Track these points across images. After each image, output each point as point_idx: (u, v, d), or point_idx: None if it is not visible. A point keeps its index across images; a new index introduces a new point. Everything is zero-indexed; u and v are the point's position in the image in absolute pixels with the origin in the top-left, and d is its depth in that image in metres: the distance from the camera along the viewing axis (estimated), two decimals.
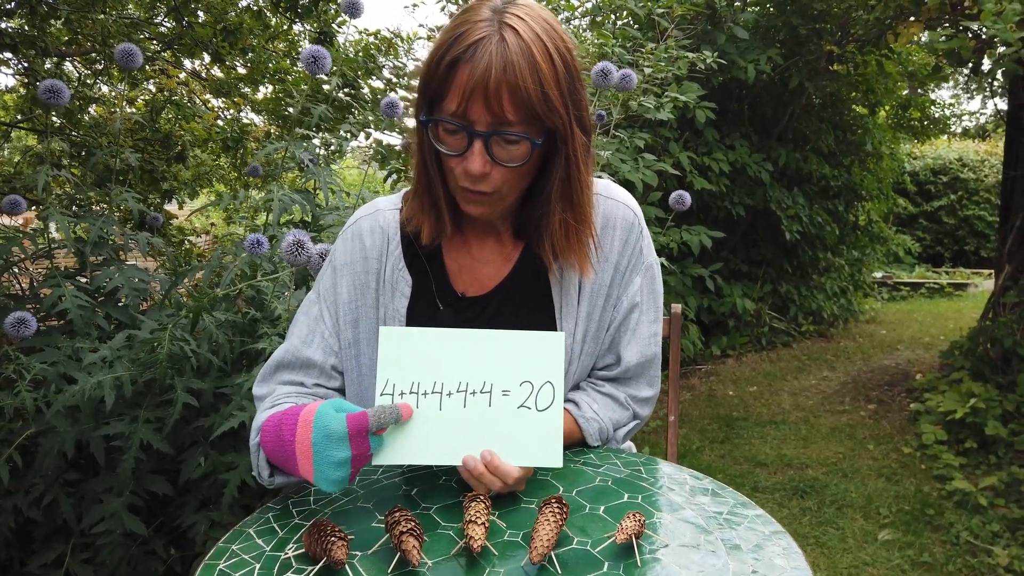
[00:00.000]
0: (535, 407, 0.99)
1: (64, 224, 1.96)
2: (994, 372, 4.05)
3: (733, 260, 6.22)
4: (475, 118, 0.98)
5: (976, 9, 3.30)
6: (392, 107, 2.05)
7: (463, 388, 1.00)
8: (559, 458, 0.99)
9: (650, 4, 4.36)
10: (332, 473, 0.90)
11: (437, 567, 0.83)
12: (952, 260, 11.08)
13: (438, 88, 0.99)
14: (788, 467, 3.71)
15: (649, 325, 1.22)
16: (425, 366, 1.00)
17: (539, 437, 0.99)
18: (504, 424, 0.99)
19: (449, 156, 1.03)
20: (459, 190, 1.06)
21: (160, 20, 5.20)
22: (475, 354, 1.00)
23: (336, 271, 1.19)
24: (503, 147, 1.01)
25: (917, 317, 7.69)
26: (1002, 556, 2.74)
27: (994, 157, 11.12)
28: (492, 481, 0.96)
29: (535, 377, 1.00)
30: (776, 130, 5.98)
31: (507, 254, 1.19)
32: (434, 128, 1.03)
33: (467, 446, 0.98)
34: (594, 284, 1.17)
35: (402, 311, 1.16)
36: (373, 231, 1.18)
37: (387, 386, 0.99)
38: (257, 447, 1.02)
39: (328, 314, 1.18)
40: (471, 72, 0.95)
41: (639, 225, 1.20)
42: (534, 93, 0.97)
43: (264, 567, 0.84)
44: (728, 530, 0.92)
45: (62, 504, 1.81)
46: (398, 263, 1.17)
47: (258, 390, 1.18)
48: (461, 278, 1.18)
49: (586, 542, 0.88)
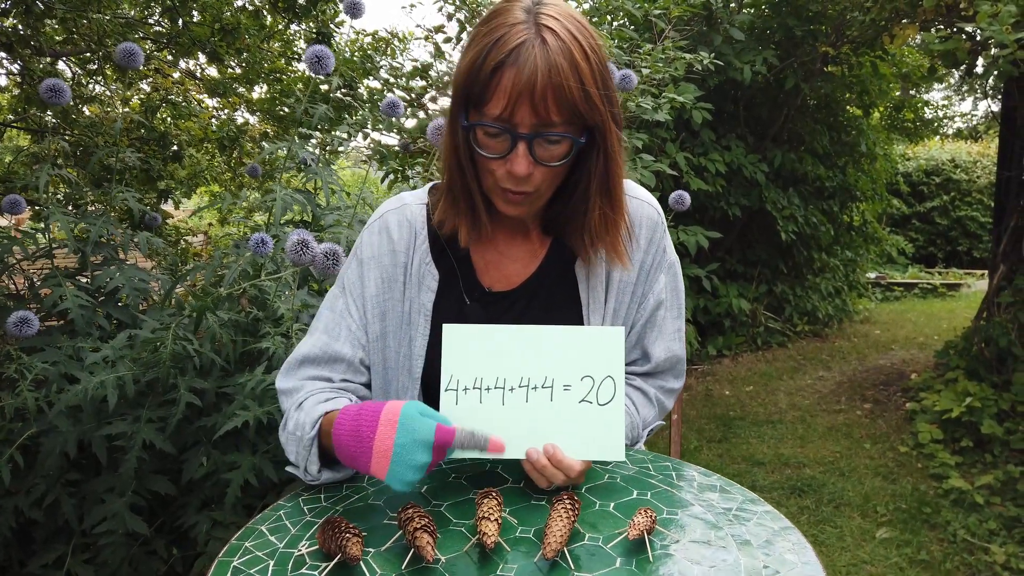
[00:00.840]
0: (596, 401, 1.01)
1: (65, 224, 1.96)
2: (989, 371, 4.07)
3: (729, 260, 6.24)
4: (519, 121, 0.99)
5: (972, 11, 3.32)
6: (393, 108, 2.05)
7: (525, 383, 1.01)
8: (621, 452, 1.01)
9: (647, 5, 4.38)
10: (408, 475, 0.91)
11: (450, 563, 0.84)
12: (945, 261, 11.14)
13: (480, 93, 0.99)
14: (786, 466, 3.72)
15: (674, 321, 1.24)
16: (488, 362, 1.01)
17: (601, 431, 1.00)
18: (566, 418, 1.00)
19: (490, 159, 1.03)
20: (499, 191, 1.07)
21: (155, 20, 5.19)
22: (536, 350, 1.01)
23: (363, 264, 1.18)
24: (545, 147, 1.01)
25: (911, 317, 7.73)
26: (999, 554, 2.76)
27: (986, 158, 11.19)
28: (554, 474, 0.97)
29: (596, 372, 1.01)
30: (771, 131, 6.00)
31: (534, 250, 1.19)
32: (474, 132, 1.03)
33: (530, 440, 0.99)
34: (621, 281, 1.19)
35: (428, 305, 1.16)
36: (400, 224, 1.18)
37: (451, 381, 1.00)
38: (311, 441, 1.02)
39: (355, 307, 1.18)
40: (517, 76, 0.96)
41: (662, 224, 1.22)
42: (577, 93, 0.98)
43: (278, 564, 0.84)
44: (738, 526, 0.92)
45: (64, 504, 1.80)
46: (425, 257, 1.17)
47: (283, 383, 1.17)
48: (488, 273, 1.19)
49: (598, 538, 0.89)
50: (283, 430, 1.11)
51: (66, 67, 5.26)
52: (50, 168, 1.96)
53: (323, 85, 4.06)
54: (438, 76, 4.50)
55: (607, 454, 1.01)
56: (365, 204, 2.33)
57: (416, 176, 4.19)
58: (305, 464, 1.04)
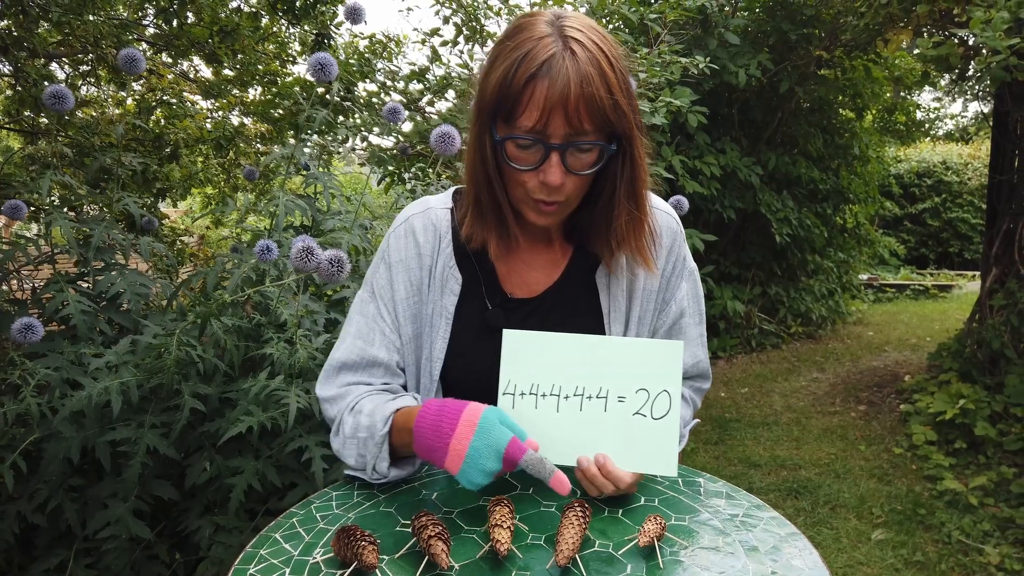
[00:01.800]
0: (650, 415, 1.01)
1: (67, 229, 1.96)
2: (982, 373, 4.11)
3: (723, 263, 6.27)
4: (552, 131, 1.00)
5: (965, 17, 3.35)
6: (395, 114, 2.06)
7: (580, 392, 1.02)
8: (674, 467, 1.01)
9: (643, 9, 4.40)
10: (477, 478, 0.94)
11: (464, 570, 0.85)
12: (936, 262, 11.22)
13: (512, 106, 1.00)
14: (782, 468, 3.74)
15: (696, 327, 1.26)
16: (545, 369, 1.02)
17: (653, 445, 1.01)
18: (618, 430, 1.01)
19: (522, 171, 1.04)
20: (530, 203, 1.08)
21: (149, 22, 5.18)
22: (593, 360, 1.02)
23: (391, 268, 1.19)
24: (576, 156, 1.03)
25: (903, 318, 7.78)
26: (993, 555, 2.78)
27: (977, 160, 11.27)
28: (604, 484, 0.99)
29: (651, 385, 1.01)
30: (766, 134, 6.04)
31: (556, 259, 1.21)
32: (505, 145, 1.04)
33: (581, 448, 1.00)
34: (644, 289, 1.20)
35: (451, 309, 1.17)
36: (426, 228, 1.19)
37: (508, 386, 1.02)
38: (384, 438, 1.04)
39: (386, 311, 1.18)
40: (550, 88, 0.97)
41: (681, 233, 1.24)
42: (607, 102, 0.99)
43: (294, 571, 0.85)
44: (745, 532, 0.94)
45: (66, 509, 1.80)
46: (449, 261, 1.18)
47: (324, 391, 1.18)
48: (510, 280, 1.20)
49: (608, 544, 0.90)
50: (336, 435, 1.13)
51: (58, 69, 5.24)
52: (53, 173, 1.96)
53: (319, 87, 4.06)
54: (436, 80, 4.51)
55: (659, 469, 1.01)
56: (365, 209, 2.34)
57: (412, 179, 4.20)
58: (375, 462, 1.05)
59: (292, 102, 4.88)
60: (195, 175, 5.42)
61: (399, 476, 1.08)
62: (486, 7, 4.59)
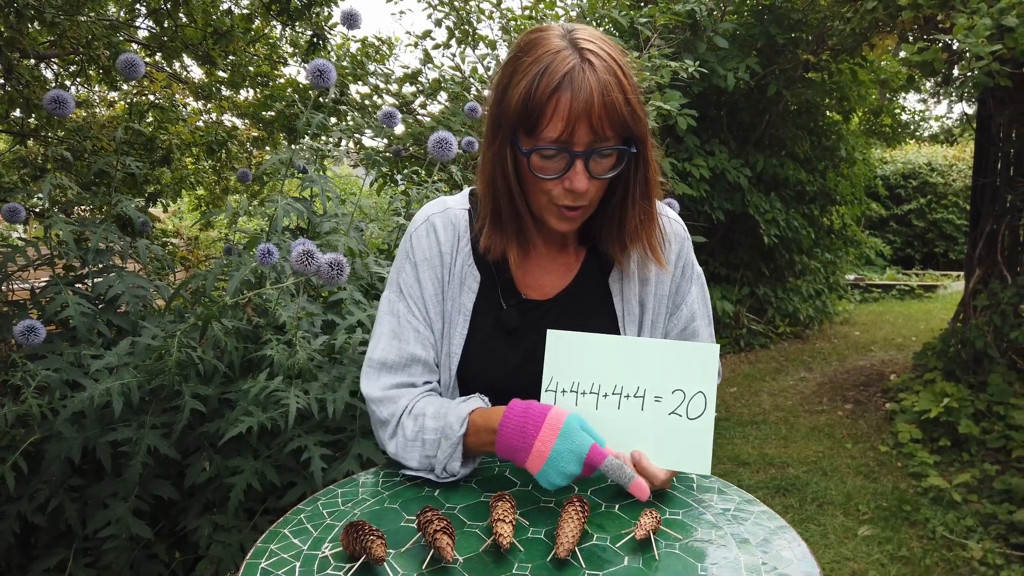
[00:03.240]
0: (686, 415, 1.05)
1: (66, 232, 1.98)
2: (966, 372, 4.18)
3: (712, 263, 6.33)
4: (576, 140, 1.04)
5: (948, 23, 3.42)
6: (390, 118, 2.09)
7: (618, 391, 1.06)
8: (707, 466, 1.05)
9: (632, 14, 4.45)
10: (557, 480, 0.99)
11: (468, 563, 0.88)
12: (922, 262, 11.34)
13: (537, 119, 1.04)
14: (770, 466, 3.80)
15: (706, 329, 1.31)
16: (586, 368, 1.07)
17: (688, 444, 1.04)
18: (655, 428, 1.05)
19: (546, 180, 1.08)
20: (553, 210, 1.12)
21: (141, 23, 5.18)
22: (632, 360, 1.06)
23: (417, 267, 1.21)
24: (598, 162, 1.08)
25: (889, 318, 7.87)
26: (976, 550, 2.85)
27: (961, 162, 11.41)
28: None
29: (688, 386, 1.05)
30: (754, 136, 6.10)
31: (569, 263, 1.25)
32: (529, 156, 1.08)
33: (618, 445, 1.05)
34: (656, 294, 1.25)
35: (468, 305, 1.21)
36: (445, 227, 1.23)
37: (551, 383, 1.07)
38: (459, 439, 1.07)
39: (416, 309, 1.21)
40: (573, 99, 1.02)
41: (688, 239, 1.29)
42: (624, 109, 1.05)
43: (304, 565, 0.88)
44: (736, 525, 0.98)
45: (67, 509, 1.82)
46: (468, 259, 1.22)
47: (370, 390, 1.19)
48: (524, 281, 1.24)
49: (606, 538, 0.94)
50: (393, 438, 1.14)
51: (46, 69, 5.23)
52: (53, 177, 1.98)
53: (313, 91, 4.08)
54: (428, 83, 4.54)
55: (694, 467, 1.05)
56: (361, 211, 2.37)
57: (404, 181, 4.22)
58: (447, 462, 1.08)
59: (284, 104, 4.89)
60: (186, 178, 5.43)
61: (464, 475, 1.10)
62: (478, 11, 4.62)
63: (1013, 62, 3.32)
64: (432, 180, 2.52)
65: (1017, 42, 3.13)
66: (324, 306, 2.22)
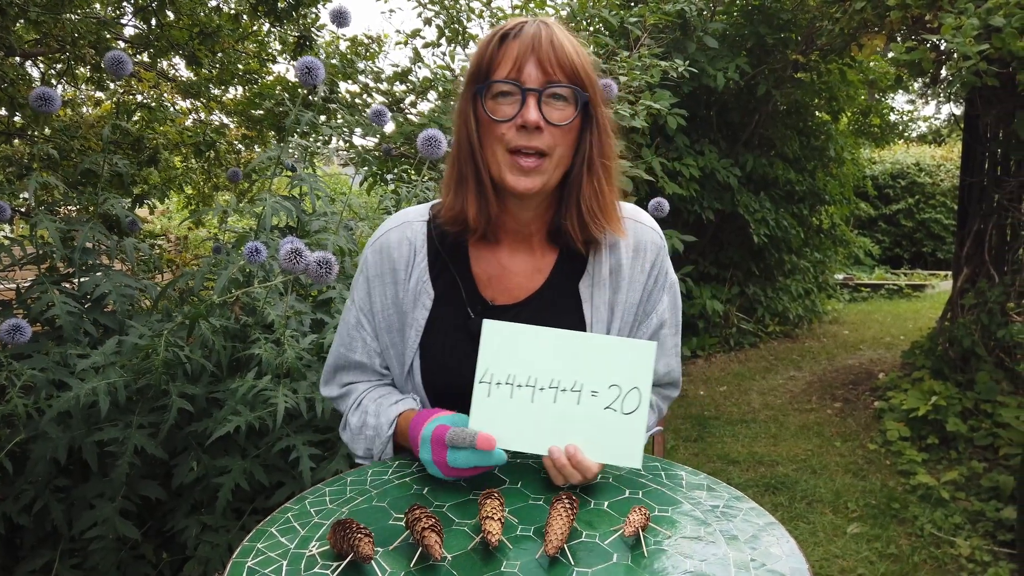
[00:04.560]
0: (621, 410, 1.06)
1: (53, 231, 1.96)
2: (953, 371, 4.21)
3: (702, 263, 6.35)
4: (527, 78, 1.10)
5: (936, 23, 3.44)
6: (380, 117, 2.08)
7: (555, 385, 1.06)
8: (639, 460, 1.06)
9: (623, 13, 4.45)
10: (428, 465, 1.07)
11: (456, 561, 0.88)
12: (910, 262, 11.41)
13: (489, 65, 1.12)
14: (759, 464, 3.81)
15: (673, 338, 1.32)
16: (522, 360, 1.06)
17: (622, 438, 1.06)
18: (590, 422, 1.06)
19: (501, 123, 1.12)
20: (508, 162, 1.13)
21: (128, 21, 5.15)
22: (569, 354, 1.06)
23: (369, 282, 1.26)
24: (551, 105, 1.12)
25: (877, 318, 7.91)
26: (964, 547, 2.86)
27: (949, 162, 11.49)
28: (572, 474, 1.03)
29: (623, 382, 1.06)
30: (743, 136, 6.12)
31: (538, 265, 1.25)
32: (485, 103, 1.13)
33: (553, 439, 1.05)
34: (626, 300, 1.25)
35: (421, 321, 1.22)
36: (400, 243, 1.24)
37: (485, 375, 1.06)
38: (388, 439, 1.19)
39: (366, 321, 1.27)
40: (521, 42, 1.11)
41: (664, 248, 1.29)
42: (575, 59, 1.12)
43: (291, 563, 0.88)
44: (725, 522, 0.98)
45: (53, 510, 1.81)
46: (423, 276, 1.23)
47: (327, 391, 1.33)
48: (490, 286, 1.24)
49: (594, 535, 0.93)
50: (344, 430, 1.27)
51: (32, 67, 5.19)
52: (38, 176, 1.96)
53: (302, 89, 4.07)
54: (419, 81, 4.53)
55: (625, 460, 1.06)
56: (351, 210, 2.36)
57: (395, 180, 4.22)
58: (380, 455, 1.21)
59: (273, 102, 4.87)
60: (174, 178, 5.40)
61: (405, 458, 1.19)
62: (468, 9, 4.62)
63: (1000, 62, 3.34)
64: (423, 179, 2.51)
65: (1004, 42, 3.15)
66: (313, 305, 2.21)
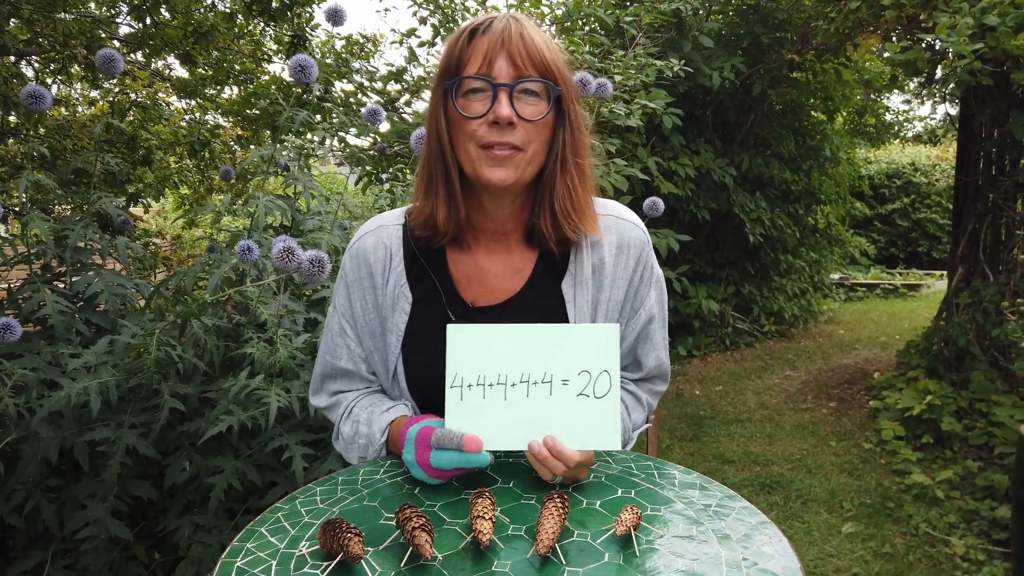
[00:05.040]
0: (593, 395, 1.06)
1: (45, 230, 1.95)
2: (948, 370, 4.21)
3: (698, 262, 6.35)
4: (497, 73, 1.09)
5: (931, 23, 3.44)
6: (374, 116, 2.07)
7: (526, 379, 1.06)
8: (617, 442, 1.06)
9: (618, 12, 4.45)
10: (411, 467, 1.06)
11: (447, 560, 0.87)
12: (906, 261, 11.43)
13: (459, 60, 1.11)
14: (755, 464, 3.81)
15: (661, 331, 1.31)
16: (491, 360, 1.06)
17: (597, 423, 1.06)
18: (565, 411, 1.06)
19: (473, 119, 1.10)
20: (482, 156, 1.11)
21: (123, 20, 5.13)
22: (536, 347, 1.06)
23: (348, 287, 1.25)
24: (523, 100, 1.10)
25: (873, 317, 7.92)
26: (959, 546, 2.86)
27: (945, 162, 11.51)
28: (555, 465, 1.02)
29: (592, 367, 1.06)
30: (739, 136, 6.12)
31: (517, 265, 1.23)
32: (456, 100, 1.11)
33: (531, 433, 1.04)
34: (609, 301, 1.24)
35: (401, 326, 1.21)
36: (376, 248, 1.23)
37: (456, 379, 1.06)
38: (382, 446, 1.19)
39: (348, 327, 1.26)
40: (491, 37, 1.09)
41: (648, 243, 1.28)
42: (546, 53, 1.11)
43: (280, 563, 0.87)
44: (717, 521, 0.97)
45: (44, 510, 1.80)
46: (400, 279, 1.22)
47: (316, 401, 1.31)
48: (470, 288, 1.23)
49: (586, 534, 0.93)
50: (337, 440, 1.26)
51: (28, 67, 5.17)
52: (30, 174, 1.95)
53: (297, 87, 4.06)
54: (413, 80, 4.52)
55: (603, 444, 1.06)
56: (345, 209, 2.35)
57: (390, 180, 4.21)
58: (376, 459, 1.21)
59: (269, 102, 4.86)
60: (169, 177, 5.38)
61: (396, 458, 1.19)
62: (463, 8, 4.61)
63: (994, 61, 3.34)
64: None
65: (999, 41, 3.15)
66: (307, 304, 2.21)
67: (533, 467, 1.05)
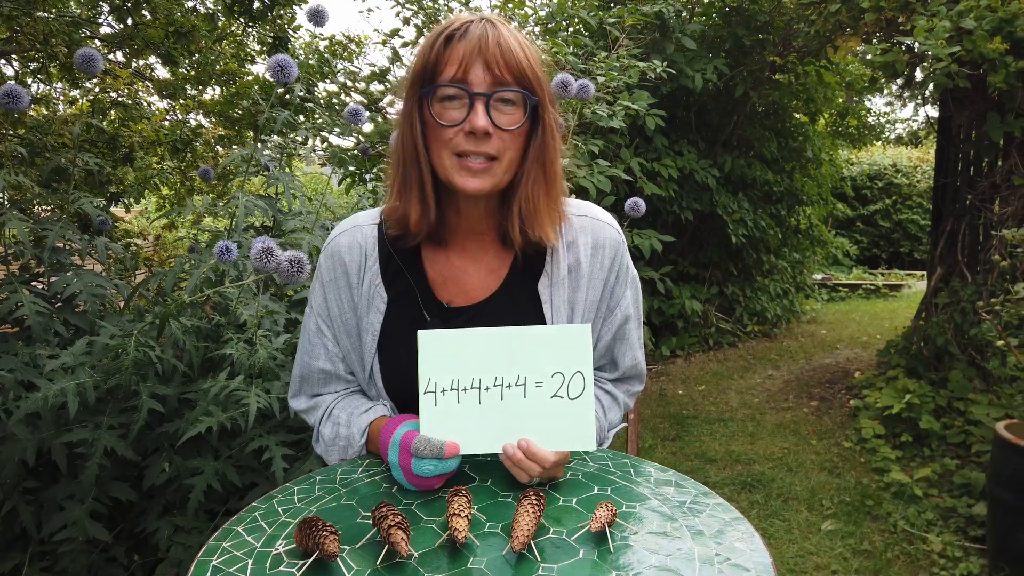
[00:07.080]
0: (567, 396, 1.06)
1: (22, 229, 1.93)
2: (927, 369, 4.26)
3: (681, 263, 6.38)
4: (473, 80, 1.08)
5: (909, 26, 3.48)
6: (356, 115, 2.07)
7: (499, 382, 1.06)
8: (592, 442, 1.06)
9: (601, 14, 4.47)
10: (394, 468, 1.06)
11: (424, 558, 0.88)
12: (887, 262, 11.54)
13: (434, 66, 1.09)
14: (736, 463, 3.84)
15: (637, 331, 1.32)
16: (464, 364, 1.06)
17: (572, 423, 1.06)
18: (539, 413, 1.06)
19: (448, 127, 1.09)
20: (456, 165, 1.11)
21: (103, 20, 5.09)
22: (509, 350, 1.07)
23: (324, 287, 1.25)
24: (500, 109, 1.10)
25: (855, 317, 7.99)
26: (936, 543, 2.90)
27: (926, 164, 11.63)
28: (531, 467, 1.03)
29: (566, 368, 1.06)
30: (722, 137, 6.16)
31: (492, 265, 1.23)
32: (432, 106, 1.10)
33: (506, 436, 1.05)
34: (585, 301, 1.24)
35: (377, 326, 1.22)
36: (351, 248, 1.23)
37: (429, 384, 1.06)
38: (362, 447, 1.20)
39: (325, 327, 1.26)
40: (467, 43, 1.08)
41: (623, 242, 1.28)
42: (523, 60, 1.10)
43: (256, 562, 0.87)
44: (692, 518, 0.98)
45: (22, 512, 1.78)
46: (375, 279, 1.22)
47: (296, 404, 1.31)
48: (445, 288, 1.23)
49: (562, 531, 0.94)
50: (317, 442, 1.26)
51: (8, 66, 5.12)
52: (7, 174, 1.93)
53: (279, 87, 4.04)
54: (397, 81, 4.51)
55: (578, 444, 1.06)
56: (327, 209, 2.35)
57: (373, 180, 4.20)
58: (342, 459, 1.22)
59: (251, 102, 4.84)
60: (150, 178, 5.34)
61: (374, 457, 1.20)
62: (447, 9, 4.61)
63: (971, 64, 3.39)
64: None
65: (975, 44, 3.19)
66: (287, 304, 2.20)
67: (510, 471, 1.05)
